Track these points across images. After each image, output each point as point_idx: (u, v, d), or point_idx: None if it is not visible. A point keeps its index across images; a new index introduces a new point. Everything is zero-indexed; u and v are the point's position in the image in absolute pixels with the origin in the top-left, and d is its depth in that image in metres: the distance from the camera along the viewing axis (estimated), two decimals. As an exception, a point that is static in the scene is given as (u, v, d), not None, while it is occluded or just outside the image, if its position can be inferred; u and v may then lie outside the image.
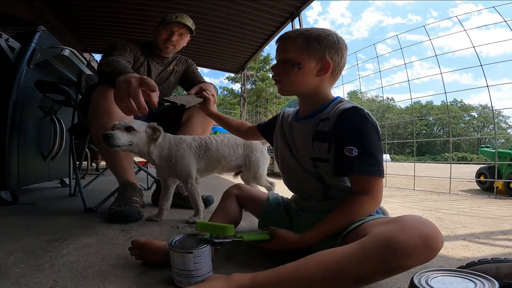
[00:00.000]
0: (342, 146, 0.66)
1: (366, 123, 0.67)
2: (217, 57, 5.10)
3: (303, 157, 0.78)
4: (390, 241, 0.46)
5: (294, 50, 0.73)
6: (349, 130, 0.67)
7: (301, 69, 0.72)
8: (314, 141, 0.73)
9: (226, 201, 0.94)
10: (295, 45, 0.73)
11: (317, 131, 0.72)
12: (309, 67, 0.72)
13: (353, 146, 0.64)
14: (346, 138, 0.66)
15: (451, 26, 25.02)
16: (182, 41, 1.55)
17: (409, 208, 1.62)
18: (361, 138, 0.65)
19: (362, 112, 0.68)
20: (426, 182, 3.31)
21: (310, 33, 0.73)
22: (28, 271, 0.67)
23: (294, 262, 0.52)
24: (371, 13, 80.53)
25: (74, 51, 1.70)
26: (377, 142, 0.66)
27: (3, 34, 1.38)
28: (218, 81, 52.74)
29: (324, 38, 0.72)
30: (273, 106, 10.67)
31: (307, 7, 3.46)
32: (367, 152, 0.65)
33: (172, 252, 0.60)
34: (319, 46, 0.72)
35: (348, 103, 0.70)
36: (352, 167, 0.65)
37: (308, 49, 0.72)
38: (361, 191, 0.66)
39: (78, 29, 4.03)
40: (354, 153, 0.64)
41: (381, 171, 0.65)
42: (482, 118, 35.10)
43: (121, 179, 1.31)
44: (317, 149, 0.72)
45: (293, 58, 0.73)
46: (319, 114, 0.74)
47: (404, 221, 0.50)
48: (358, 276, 0.48)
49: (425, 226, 0.48)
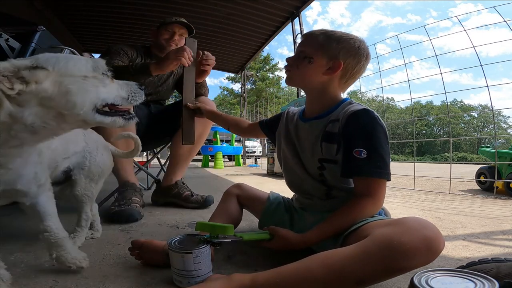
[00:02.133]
0: (351, 147, 0.66)
1: (376, 126, 0.67)
2: (217, 57, 5.06)
3: (308, 157, 0.77)
4: (392, 243, 0.47)
5: (311, 45, 0.75)
6: (358, 132, 0.67)
7: (311, 63, 0.74)
8: (323, 142, 0.73)
9: (226, 201, 0.94)
10: (314, 41, 0.75)
11: (326, 132, 0.73)
12: (319, 63, 0.73)
13: (362, 148, 0.65)
14: (355, 140, 0.66)
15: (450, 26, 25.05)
16: (182, 41, 1.59)
17: (409, 208, 1.62)
18: (371, 141, 0.66)
19: (372, 115, 0.68)
20: (426, 182, 3.31)
21: (333, 33, 0.74)
22: (28, 271, 0.67)
23: (295, 263, 0.52)
24: (371, 13, 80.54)
25: (74, 51, 1.70)
26: (386, 145, 0.67)
27: (3, 34, 1.38)
28: (218, 81, 52.80)
29: (344, 40, 0.73)
30: (273, 106, 10.68)
31: (307, 7, 3.46)
32: (376, 155, 0.65)
33: (172, 253, 0.60)
34: (337, 45, 0.72)
35: (358, 105, 0.71)
36: (360, 168, 0.65)
37: (324, 46, 0.73)
38: (364, 192, 0.66)
39: (78, 29, 4.03)
40: (363, 155, 0.65)
41: (388, 174, 0.66)
42: (482, 118, 35.08)
43: (121, 179, 1.31)
44: (325, 150, 0.72)
45: (307, 52, 0.75)
46: (329, 115, 0.74)
47: (406, 223, 0.50)
48: (359, 278, 0.48)
49: (427, 229, 0.49)
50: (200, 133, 1.54)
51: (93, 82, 0.51)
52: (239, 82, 9.74)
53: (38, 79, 0.44)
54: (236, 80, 21.88)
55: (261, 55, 22.61)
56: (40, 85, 0.44)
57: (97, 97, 0.52)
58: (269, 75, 24.31)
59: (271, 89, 22.92)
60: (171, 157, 1.60)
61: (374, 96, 33.50)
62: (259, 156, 9.25)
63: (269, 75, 24.35)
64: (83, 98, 0.49)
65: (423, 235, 0.47)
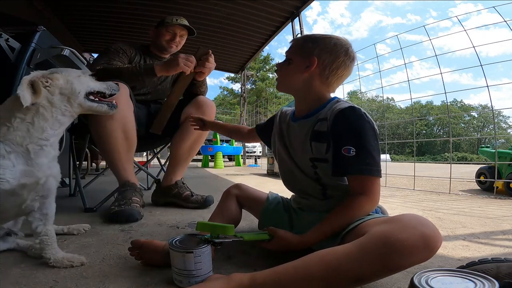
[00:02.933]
0: (339, 146, 0.66)
1: (363, 123, 0.67)
2: (217, 57, 5.08)
3: (300, 157, 0.78)
4: (389, 240, 0.47)
5: (292, 49, 0.80)
6: (346, 129, 0.67)
7: (291, 64, 0.78)
8: (312, 141, 0.73)
9: (226, 201, 0.94)
10: (295, 45, 0.80)
11: (315, 131, 0.73)
12: (298, 63, 0.77)
13: (351, 146, 0.65)
14: (343, 138, 0.67)
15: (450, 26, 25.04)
16: (182, 42, 1.61)
17: (409, 208, 1.62)
18: (359, 138, 0.66)
19: (359, 112, 0.68)
20: (426, 182, 3.31)
21: (312, 36, 0.78)
22: (28, 271, 0.67)
23: (293, 262, 0.52)
24: (371, 13, 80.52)
25: (74, 51, 1.70)
26: (374, 142, 0.67)
27: (3, 34, 1.38)
28: (218, 81, 52.80)
29: (320, 39, 0.76)
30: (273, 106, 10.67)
31: (307, 7, 3.46)
32: (365, 152, 0.65)
33: (173, 252, 0.60)
34: (312, 45, 0.76)
35: (345, 103, 0.71)
36: (349, 166, 0.65)
37: (302, 47, 0.77)
38: (359, 191, 0.66)
39: (78, 29, 4.03)
40: (351, 153, 0.65)
41: (378, 171, 0.66)
42: (482, 118, 35.09)
43: (121, 179, 1.31)
44: (315, 149, 0.73)
45: (288, 56, 0.79)
46: (316, 114, 0.75)
47: (403, 220, 0.50)
48: (357, 275, 0.48)
49: (425, 226, 0.49)
50: (199, 133, 1.54)
51: (85, 79, 0.78)
52: (239, 82, 9.74)
53: (56, 78, 0.72)
54: (236, 80, 21.90)
55: (261, 55, 22.63)
56: (58, 81, 0.72)
57: (88, 86, 0.78)
58: (269, 75, 24.33)
59: (271, 89, 22.93)
60: (171, 157, 1.60)
61: (374, 96, 33.52)
62: (259, 156, 9.26)
63: (269, 75, 24.37)
64: (80, 87, 0.75)
65: (421, 232, 0.47)
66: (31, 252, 0.76)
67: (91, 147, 1.83)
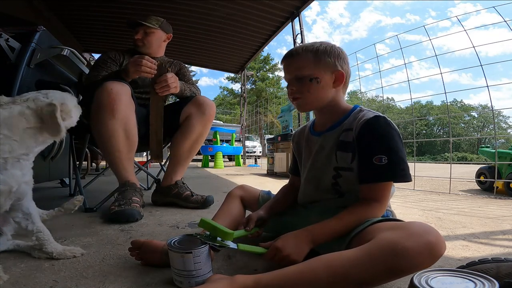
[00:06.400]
0: (370, 155, 0.67)
1: (391, 131, 0.68)
2: (217, 57, 5.10)
3: (322, 168, 0.78)
4: (396, 248, 0.48)
5: (307, 66, 0.73)
6: (375, 139, 0.68)
7: (319, 83, 0.73)
8: (338, 151, 0.74)
9: (230, 202, 0.94)
10: (306, 61, 0.74)
11: (340, 141, 0.73)
12: (326, 80, 0.74)
13: (383, 155, 0.66)
14: (374, 148, 0.67)
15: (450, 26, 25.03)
16: (151, 39, 1.59)
17: (409, 208, 1.62)
18: (389, 147, 0.67)
19: (385, 121, 0.69)
20: (426, 182, 3.31)
21: (317, 48, 0.74)
22: (28, 271, 0.67)
23: (299, 265, 0.53)
24: (370, 13, 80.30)
25: (74, 51, 1.70)
26: (403, 148, 0.69)
27: (3, 34, 1.37)
28: (218, 81, 52.82)
29: (331, 51, 0.74)
30: (273, 106, 10.66)
31: (307, 7, 3.46)
32: (398, 159, 0.66)
33: (172, 253, 0.60)
34: (330, 59, 0.73)
35: (368, 112, 0.72)
36: (383, 175, 0.66)
37: (320, 63, 0.73)
38: (372, 197, 0.67)
39: (78, 29, 4.03)
40: (384, 161, 0.66)
41: (410, 175, 0.68)
42: (482, 118, 35.07)
43: (121, 178, 1.31)
44: (340, 159, 0.73)
45: (308, 74, 0.73)
46: (341, 124, 0.75)
47: (411, 228, 0.51)
48: (362, 280, 0.49)
49: (430, 234, 0.50)
50: (199, 133, 1.54)
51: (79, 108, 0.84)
52: (239, 82, 9.74)
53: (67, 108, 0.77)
54: (236, 80, 21.89)
55: (261, 55, 22.61)
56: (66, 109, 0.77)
57: None
58: (269, 75, 24.32)
59: (271, 89, 22.94)
60: (171, 157, 1.60)
61: (374, 96, 33.52)
62: (259, 156, 9.25)
63: (269, 75, 24.37)
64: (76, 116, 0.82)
65: (426, 240, 0.48)
66: (34, 253, 0.76)
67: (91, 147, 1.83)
